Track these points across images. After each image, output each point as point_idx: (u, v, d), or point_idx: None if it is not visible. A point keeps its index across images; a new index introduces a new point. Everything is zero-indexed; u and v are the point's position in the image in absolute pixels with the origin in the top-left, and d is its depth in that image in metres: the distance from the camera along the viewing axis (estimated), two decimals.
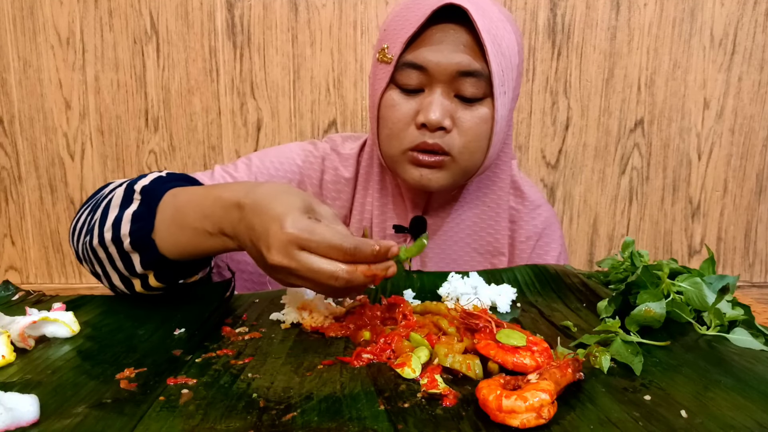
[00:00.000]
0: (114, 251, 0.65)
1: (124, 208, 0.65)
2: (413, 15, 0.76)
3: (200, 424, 0.41)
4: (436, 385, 0.46)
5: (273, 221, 0.54)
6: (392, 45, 0.77)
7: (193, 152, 1.57)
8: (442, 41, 0.75)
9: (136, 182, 0.67)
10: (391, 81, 0.78)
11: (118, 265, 0.66)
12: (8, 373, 0.50)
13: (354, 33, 1.53)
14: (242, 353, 0.54)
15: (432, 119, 0.75)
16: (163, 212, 0.64)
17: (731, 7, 1.54)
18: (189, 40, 1.52)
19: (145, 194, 0.65)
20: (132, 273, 0.66)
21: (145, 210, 0.64)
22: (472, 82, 0.75)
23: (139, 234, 0.64)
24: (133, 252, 0.64)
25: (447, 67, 0.75)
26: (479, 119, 0.77)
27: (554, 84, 1.57)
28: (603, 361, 0.49)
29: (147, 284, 0.67)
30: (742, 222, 1.66)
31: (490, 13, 0.75)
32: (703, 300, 0.58)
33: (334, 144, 0.92)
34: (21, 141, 1.56)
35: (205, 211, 0.61)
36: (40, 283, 1.63)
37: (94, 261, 0.69)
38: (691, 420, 0.41)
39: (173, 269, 0.66)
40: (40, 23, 1.50)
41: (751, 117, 1.60)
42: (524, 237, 0.92)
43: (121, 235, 0.64)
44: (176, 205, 0.64)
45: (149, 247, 0.64)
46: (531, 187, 0.95)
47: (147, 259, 0.64)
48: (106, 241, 0.65)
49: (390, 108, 0.78)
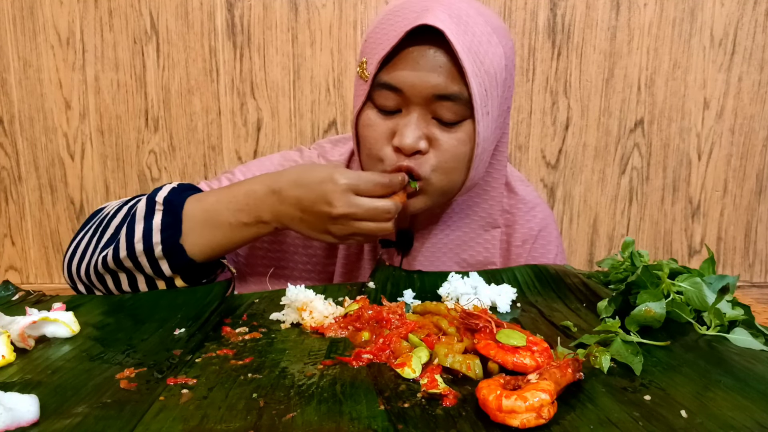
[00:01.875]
0: (144, 260, 0.71)
1: (149, 219, 0.72)
2: (391, 31, 0.72)
3: (200, 424, 0.41)
4: (436, 385, 0.46)
5: (324, 182, 0.68)
6: (370, 61, 0.74)
7: (193, 152, 1.57)
8: (417, 62, 0.70)
9: (155, 194, 0.73)
10: (368, 99, 0.75)
11: (147, 271, 0.72)
12: (8, 373, 0.50)
13: (354, 33, 1.53)
14: (242, 353, 0.54)
15: (406, 144, 0.71)
16: (191, 218, 0.71)
17: (731, 7, 1.54)
18: (189, 40, 1.52)
19: (167, 204, 0.72)
20: (159, 276, 0.73)
21: (171, 219, 0.72)
22: (448, 106, 0.71)
23: (169, 242, 0.71)
24: (162, 259, 0.71)
25: (422, 90, 0.71)
26: (457, 141, 0.73)
27: (554, 84, 1.57)
28: (603, 361, 0.49)
29: (173, 285, 0.74)
30: (742, 222, 1.66)
31: (473, 28, 0.71)
32: (703, 300, 0.58)
33: (323, 151, 0.90)
34: (21, 141, 1.56)
35: (239, 206, 0.71)
36: (40, 283, 1.63)
37: (113, 275, 0.74)
38: (691, 420, 0.41)
39: (199, 270, 0.74)
40: (40, 23, 1.50)
41: (751, 117, 1.60)
42: (520, 241, 0.89)
43: (153, 244, 0.71)
44: (204, 209, 0.72)
45: (178, 253, 0.71)
46: (526, 187, 0.92)
47: (176, 264, 0.72)
48: (137, 252, 0.71)
49: (367, 127, 0.75)
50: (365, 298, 0.65)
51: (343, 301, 0.66)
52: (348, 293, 0.70)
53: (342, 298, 0.68)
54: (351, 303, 0.64)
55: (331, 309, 0.63)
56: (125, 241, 0.72)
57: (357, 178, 0.69)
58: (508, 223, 0.90)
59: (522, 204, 0.90)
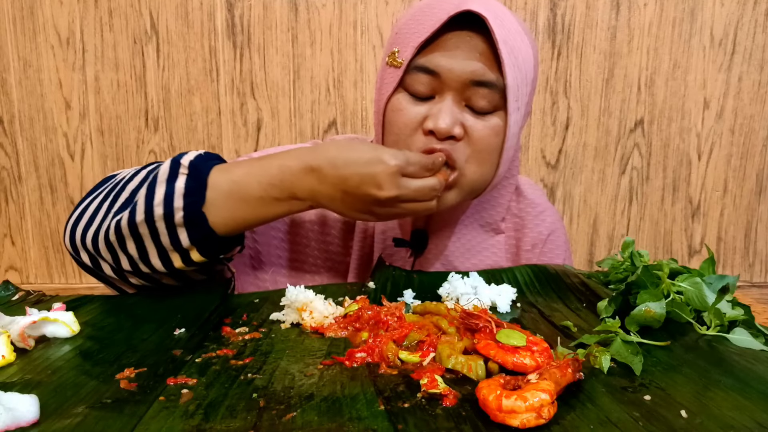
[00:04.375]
0: (162, 226, 0.65)
1: (172, 182, 0.66)
2: (428, 19, 0.72)
3: (200, 424, 0.41)
4: (436, 385, 0.46)
5: (372, 164, 0.64)
6: (403, 49, 0.73)
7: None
8: (456, 47, 0.71)
9: (180, 157, 0.68)
10: (399, 85, 0.74)
11: (163, 241, 0.66)
12: (8, 373, 0.50)
13: (354, 33, 1.53)
14: (242, 353, 0.54)
15: (441, 126, 0.70)
16: (217, 188, 0.66)
17: (731, 7, 1.54)
18: (189, 40, 1.52)
19: (193, 168, 0.67)
20: (175, 248, 0.67)
21: (195, 184, 0.66)
22: (484, 93, 0.71)
23: (192, 208, 0.65)
24: (181, 227, 0.66)
25: (460, 74, 0.70)
26: (491, 130, 0.73)
27: (554, 84, 1.57)
28: (603, 361, 0.49)
29: (188, 259, 0.68)
30: (742, 222, 1.66)
31: (508, 24, 0.71)
32: (703, 300, 0.58)
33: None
34: (21, 141, 1.56)
35: (272, 180, 0.67)
36: (40, 283, 1.63)
37: (122, 243, 0.68)
38: (691, 420, 0.41)
39: (218, 243, 0.68)
40: (40, 23, 1.50)
41: (751, 117, 1.60)
42: (529, 245, 0.89)
43: (174, 209, 0.65)
44: (233, 179, 0.67)
45: (200, 222, 0.66)
46: (535, 191, 0.92)
47: (196, 235, 0.66)
48: (155, 216, 0.65)
49: (396, 112, 0.74)
50: (365, 298, 0.65)
51: (343, 301, 0.66)
52: (348, 293, 0.70)
53: (342, 298, 0.68)
54: (351, 303, 0.64)
55: (331, 309, 0.63)
56: (144, 203, 0.66)
57: (405, 159, 0.65)
58: (518, 227, 0.89)
59: (531, 208, 0.90)
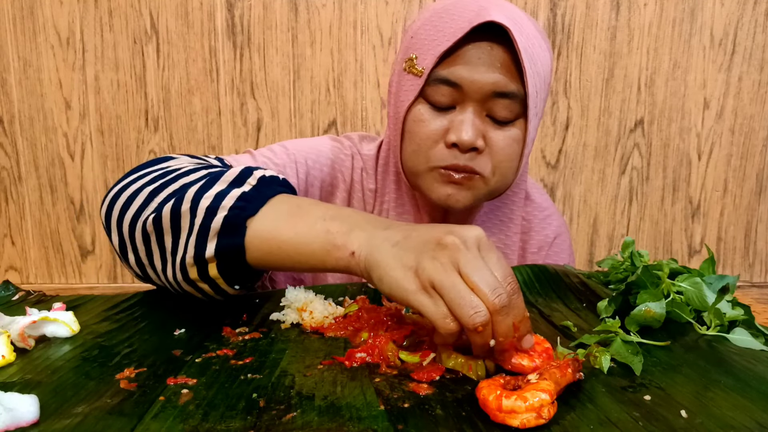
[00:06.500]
0: (199, 221, 0.58)
1: (233, 187, 0.60)
2: (447, 27, 0.71)
3: (200, 424, 0.41)
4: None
5: (458, 230, 0.49)
6: (422, 56, 0.73)
7: (193, 152, 1.57)
8: (478, 58, 0.71)
9: (254, 169, 0.63)
10: (420, 95, 0.74)
11: (191, 240, 0.59)
12: (8, 373, 0.50)
13: (354, 33, 1.53)
14: (242, 353, 0.54)
15: (465, 140, 0.71)
16: (274, 205, 0.59)
17: (731, 7, 1.54)
18: (189, 40, 1.52)
19: (261, 182, 0.61)
20: (200, 252, 0.59)
21: (255, 194, 0.59)
22: (505, 104, 0.72)
23: (237, 212, 0.58)
24: (215, 231, 0.58)
25: (482, 87, 0.71)
26: (511, 140, 0.74)
27: (554, 84, 1.57)
28: (603, 361, 0.49)
29: (205, 273, 0.60)
30: (742, 222, 1.66)
31: (527, 31, 0.72)
32: (703, 300, 0.58)
33: (353, 143, 0.89)
34: (21, 141, 1.56)
35: (336, 215, 0.57)
36: (40, 283, 1.63)
37: (159, 231, 0.61)
38: (691, 420, 0.41)
39: (241, 266, 0.60)
40: (40, 23, 1.50)
41: (751, 117, 1.60)
42: (536, 248, 0.90)
43: (220, 207, 0.58)
44: (297, 203, 0.60)
45: (237, 231, 0.58)
46: (541, 194, 0.93)
47: (226, 243, 0.58)
48: (200, 208, 0.59)
49: (418, 123, 0.74)
50: (365, 298, 0.65)
51: (343, 301, 0.66)
52: (348, 293, 0.70)
53: (342, 298, 0.68)
54: (351, 303, 0.64)
55: (330, 309, 0.63)
56: (194, 193, 0.60)
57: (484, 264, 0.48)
58: (525, 230, 0.90)
59: (538, 211, 0.91)
